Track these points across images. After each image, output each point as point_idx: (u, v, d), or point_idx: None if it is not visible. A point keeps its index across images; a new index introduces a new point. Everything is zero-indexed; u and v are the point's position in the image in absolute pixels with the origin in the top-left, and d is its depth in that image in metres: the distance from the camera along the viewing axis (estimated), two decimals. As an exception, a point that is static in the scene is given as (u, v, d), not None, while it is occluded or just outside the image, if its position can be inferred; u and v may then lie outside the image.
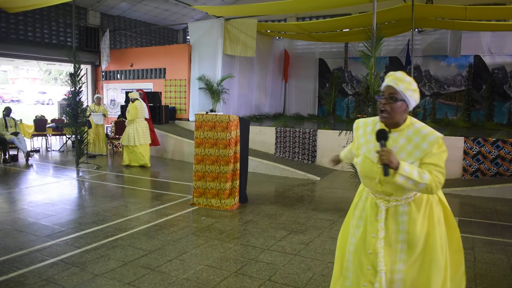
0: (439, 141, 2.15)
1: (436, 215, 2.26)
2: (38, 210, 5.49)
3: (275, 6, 9.87)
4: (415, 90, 2.20)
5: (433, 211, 2.26)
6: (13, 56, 12.56)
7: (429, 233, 2.21)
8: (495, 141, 7.53)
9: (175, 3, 13.94)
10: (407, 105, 2.19)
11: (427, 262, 2.18)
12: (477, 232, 4.84)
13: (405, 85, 2.16)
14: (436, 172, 2.12)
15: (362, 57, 5.84)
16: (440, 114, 12.84)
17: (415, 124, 2.22)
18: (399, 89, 2.15)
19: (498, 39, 11.92)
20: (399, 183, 2.06)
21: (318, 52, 14.80)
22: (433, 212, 2.26)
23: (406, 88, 2.16)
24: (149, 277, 3.47)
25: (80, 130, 8.76)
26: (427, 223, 2.22)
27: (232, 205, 5.70)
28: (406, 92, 2.16)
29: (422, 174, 2.07)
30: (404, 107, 2.18)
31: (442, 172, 2.14)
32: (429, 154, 2.14)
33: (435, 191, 2.11)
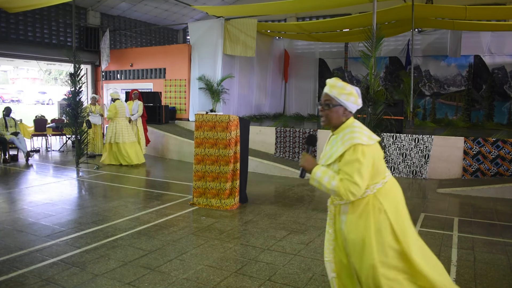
0: (355, 148, 2.17)
1: (375, 223, 2.22)
2: (38, 210, 5.49)
3: (275, 6, 9.88)
4: (350, 93, 2.29)
5: (370, 218, 2.23)
6: (13, 56, 12.56)
7: (365, 240, 2.21)
8: (495, 141, 7.53)
9: (175, 3, 13.94)
10: (345, 109, 2.30)
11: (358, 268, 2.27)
12: (477, 232, 4.84)
13: (337, 90, 2.28)
14: (346, 182, 2.15)
15: (362, 57, 5.85)
16: (440, 114, 12.84)
17: (353, 127, 2.28)
18: (333, 95, 2.29)
19: (498, 39, 11.92)
20: (313, 186, 2.24)
21: (318, 52, 14.80)
22: (370, 219, 2.23)
23: (339, 93, 2.28)
24: (149, 277, 3.47)
25: (80, 130, 8.77)
26: (363, 228, 2.23)
27: (232, 205, 5.70)
28: (340, 97, 2.28)
29: (331, 181, 2.18)
30: (342, 111, 2.30)
31: (353, 182, 2.14)
32: (344, 160, 2.19)
33: (346, 198, 2.17)
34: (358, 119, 2.50)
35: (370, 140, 2.22)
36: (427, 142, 7.97)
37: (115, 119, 9.12)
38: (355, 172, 2.14)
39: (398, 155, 8.19)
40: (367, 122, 5.68)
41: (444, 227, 5.02)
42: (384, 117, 5.77)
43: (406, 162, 8.14)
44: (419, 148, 8.02)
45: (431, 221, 5.26)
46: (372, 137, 2.26)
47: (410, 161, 8.10)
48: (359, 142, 2.17)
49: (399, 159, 8.18)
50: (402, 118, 8.63)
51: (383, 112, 5.75)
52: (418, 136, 8.07)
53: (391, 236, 2.21)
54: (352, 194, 2.15)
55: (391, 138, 8.21)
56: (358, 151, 2.16)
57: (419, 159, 8.03)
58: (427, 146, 7.96)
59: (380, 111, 5.71)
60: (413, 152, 8.07)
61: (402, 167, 8.18)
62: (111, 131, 9.12)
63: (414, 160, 8.07)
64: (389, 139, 8.20)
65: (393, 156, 8.22)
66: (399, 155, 8.19)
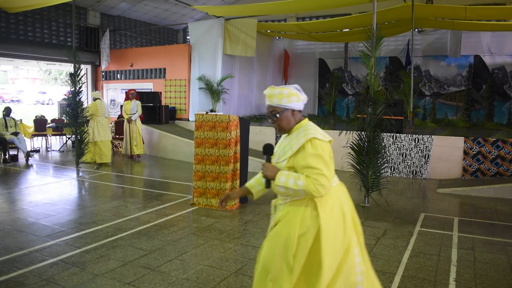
0: (312, 142, 2.14)
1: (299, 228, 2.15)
2: (38, 210, 5.49)
3: (275, 6, 9.88)
4: (289, 94, 2.27)
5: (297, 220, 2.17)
6: (13, 56, 12.56)
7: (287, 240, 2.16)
8: (495, 141, 7.53)
9: (175, 3, 13.94)
10: (292, 110, 2.29)
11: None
12: (477, 232, 4.84)
13: (277, 98, 2.26)
14: (315, 175, 2.09)
15: (362, 57, 5.84)
16: (440, 114, 12.84)
17: (307, 126, 2.27)
18: (275, 104, 2.26)
19: (498, 39, 11.92)
20: (280, 192, 2.19)
21: (318, 52, 14.80)
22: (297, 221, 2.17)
23: (280, 100, 2.26)
24: (149, 277, 3.47)
25: (80, 130, 8.77)
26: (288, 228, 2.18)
27: (232, 205, 5.70)
28: (281, 102, 2.26)
29: (297, 181, 2.11)
30: (290, 114, 2.29)
31: (322, 174, 2.08)
32: (303, 155, 2.15)
33: (317, 193, 2.08)
34: (358, 119, 2.50)
35: (325, 138, 2.20)
36: (427, 142, 7.97)
37: (95, 118, 9.37)
38: (321, 164, 2.10)
39: (398, 155, 8.19)
40: (367, 122, 5.68)
41: (444, 227, 5.02)
42: (384, 117, 5.76)
43: (406, 162, 8.14)
44: (419, 148, 8.02)
45: (431, 221, 5.26)
46: (326, 136, 2.23)
47: (410, 161, 8.10)
48: (315, 136, 2.16)
49: (399, 159, 8.18)
50: (402, 118, 8.63)
51: (383, 112, 5.75)
52: (418, 136, 8.07)
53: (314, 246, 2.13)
54: (322, 186, 2.08)
55: (391, 138, 8.21)
56: (317, 145, 2.14)
57: (419, 159, 8.03)
58: (427, 146, 7.96)
59: (380, 111, 5.71)
60: (413, 152, 8.07)
61: (402, 167, 8.18)
62: (92, 129, 9.33)
63: (414, 160, 8.07)
64: (389, 139, 8.20)
65: (393, 156, 8.22)
66: (399, 155, 8.19)
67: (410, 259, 3.93)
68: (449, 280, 3.47)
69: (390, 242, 4.42)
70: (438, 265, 3.79)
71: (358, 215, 2.42)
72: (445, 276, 3.56)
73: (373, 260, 3.90)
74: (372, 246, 4.27)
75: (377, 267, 3.73)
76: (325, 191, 2.10)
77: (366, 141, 5.77)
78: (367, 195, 5.97)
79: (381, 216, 5.42)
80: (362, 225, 4.99)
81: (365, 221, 5.19)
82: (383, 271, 3.65)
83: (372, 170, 5.82)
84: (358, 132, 5.84)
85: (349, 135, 6.12)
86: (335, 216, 2.19)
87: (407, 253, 4.08)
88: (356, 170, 5.93)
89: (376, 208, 5.83)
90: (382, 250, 4.16)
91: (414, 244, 4.37)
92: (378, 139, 5.78)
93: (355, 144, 5.86)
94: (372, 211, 5.69)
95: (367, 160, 5.79)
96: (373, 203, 5.99)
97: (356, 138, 5.85)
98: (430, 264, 3.82)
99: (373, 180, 5.86)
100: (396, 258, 3.96)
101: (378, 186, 5.84)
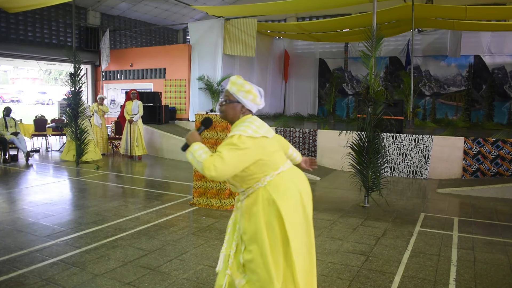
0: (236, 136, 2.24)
1: (264, 215, 2.26)
2: (38, 210, 5.49)
3: (275, 6, 9.88)
4: (248, 91, 2.37)
5: (260, 211, 2.27)
6: (13, 56, 12.56)
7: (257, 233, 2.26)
8: (495, 141, 7.53)
9: (175, 3, 13.94)
10: (243, 106, 2.38)
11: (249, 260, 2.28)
12: (477, 232, 4.84)
13: (237, 87, 2.37)
14: (216, 156, 2.20)
15: (362, 57, 5.84)
16: (440, 114, 12.84)
17: (244, 121, 2.36)
18: (232, 92, 2.37)
19: (498, 39, 11.92)
20: (189, 159, 2.28)
21: (318, 52, 14.80)
22: (260, 212, 2.27)
23: (238, 90, 2.36)
24: (149, 277, 3.47)
25: (80, 130, 8.77)
26: (254, 222, 2.28)
27: (232, 205, 5.70)
28: (238, 93, 2.36)
29: (203, 154, 2.22)
30: (239, 108, 2.38)
31: (221, 157, 2.17)
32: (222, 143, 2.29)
33: (208, 171, 2.16)
34: (358, 119, 2.51)
35: (256, 133, 2.27)
36: (427, 142, 7.97)
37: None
38: (225, 150, 2.19)
39: (398, 155, 8.19)
40: (367, 122, 5.68)
41: (444, 227, 5.02)
42: (384, 117, 5.76)
43: (406, 162, 8.14)
44: (419, 148, 8.02)
45: (431, 221, 5.26)
46: (259, 131, 2.29)
47: (410, 161, 8.10)
48: (240, 133, 2.24)
49: (399, 159, 8.18)
50: (402, 118, 8.63)
51: (383, 112, 5.75)
52: (418, 136, 8.07)
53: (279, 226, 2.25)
54: (215, 167, 2.15)
55: (391, 138, 8.21)
56: (236, 137, 2.23)
57: (419, 159, 8.03)
58: (427, 146, 7.96)
59: (380, 111, 5.71)
60: (413, 152, 8.07)
61: (402, 167, 8.18)
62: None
63: (414, 160, 8.07)
64: (389, 139, 8.20)
65: (393, 156, 8.22)
66: (399, 155, 8.19)
67: (410, 259, 3.93)
68: (449, 280, 3.47)
69: (390, 242, 4.42)
70: (438, 265, 3.79)
71: (358, 215, 2.42)
72: (445, 276, 3.56)
73: (373, 260, 3.90)
74: (372, 246, 4.27)
75: (377, 267, 3.73)
76: (215, 173, 2.16)
77: (366, 141, 5.77)
78: (367, 195, 5.98)
79: (381, 216, 5.42)
80: (362, 225, 5.01)
81: (365, 221, 5.20)
82: (383, 271, 3.65)
83: (372, 170, 5.82)
84: (358, 132, 5.84)
85: (349, 135, 6.12)
86: (290, 195, 2.30)
87: (407, 253, 4.08)
88: (356, 170, 5.93)
89: (376, 208, 5.84)
90: (382, 250, 4.16)
91: (414, 244, 4.37)
92: (378, 139, 5.78)
93: (355, 144, 5.86)
94: (372, 211, 5.69)
95: (367, 160, 5.79)
96: (373, 203, 6.00)
97: (356, 138, 5.85)
98: (430, 264, 3.82)
99: (373, 180, 5.86)
100: (396, 258, 3.96)
101: (378, 186, 5.84)
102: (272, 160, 2.34)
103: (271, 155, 2.34)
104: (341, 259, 3.90)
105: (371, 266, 3.75)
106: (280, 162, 2.39)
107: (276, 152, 2.39)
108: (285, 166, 2.40)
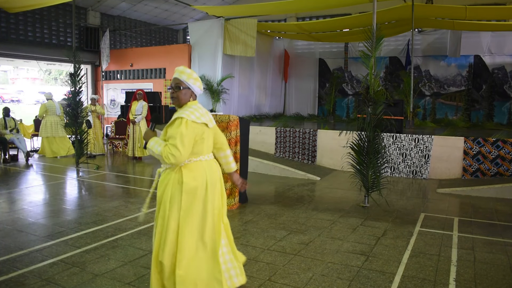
0: (180, 119, 2.57)
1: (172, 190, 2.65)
2: (38, 210, 5.49)
3: (275, 6, 9.88)
4: (196, 79, 2.73)
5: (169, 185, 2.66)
6: (13, 56, 12.56)
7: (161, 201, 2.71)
8: (495, 141, 7.53)
9: (175, 3, 13.94)
10: (192, 92, 2.73)
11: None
12: (477, 232, 4.84)
13: (186, 75, 2.69)
14: (170, 145, 2.54)
15: (362, 57, 5.83)
16: (440, 114, 12.84)
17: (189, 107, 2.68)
18: (183, 80, 2.68)
19: (498, 39, 11.92)
20: (152, 154, 2.66)
21: (318, 52, 14.80)
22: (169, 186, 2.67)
23: (188, 78, 2.69)
24: (149, 277, 3.46)
25: (80, 130, 8.76)
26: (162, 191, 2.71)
27: (232, 205, 5.70)
28: (188, 81, 2.69)
29: (158, 147, 2.59)
30: (189, 93, 2.72)
31: (174, 145, 2.52)
32: (171, 128, 2.60)
33: (167, 160, 2.53)
34: (358, 119, 2.54)
35: (198, 120, 2.60)
36: (427, 142, 7.97)
37: (46, 117, 10.38)
38: (177, 139, 2.51)
39: (398, 155, 8.19)
40: (367, 122, 5.68)
41: (444, 227, 5.02)
42: (384, 117, 5.76)
43: (406, 162, 8.14)
44: (419, 148, 8.02)
45: (431, 221, 5.26)
46: (201, 118, 2.63)
47: (410, 161, 8.10)
48: (184, 116, 2.56)
49: (399, 159, 8.18)
50: (402, 118, 8.63)
51: (383, 112, 5.74)
52: (418, 136, 8.07)
53: (177, 205, 2.63)
54: (172, 155, 2.50)
55: (391, 138, 8.21)
56: (182, 123, 2.54)
57: (419, 159, 8.03)
58: (427, 146, 7.96)
59: (380, 111, 5.70)
60: (413, 152, 8.07)
61: (402, 167, 8.18)
62: (42, 126, 10.36)
63: (414, 160, 8.07)
64: (389, 139, 8.20)
65: (393, 156, 8.22)
66: (399, 155, 8.19)
67: (410, 259, 3.93)
68: (449, 280, 3.47)
69: (390, 242, 4.42)
70: (438, 265, 3.79)
71: (358, 215, 2.43)
72: (445, 276, 3.56)
73: (373, 260, 3.90)
74: (372, 246, 4.27)
75: (377, 267, 3.73)
76: (174, 160, 2.52)
77: (366, 141, 5.77)
78: (367, 195, 5.98)
79: (381, 216, 5.42)
80: (362, 225, 5.01)
81: (365, 221, 5.20)
82: (383, 271, 3.65)
83: (372, 170, 5.82)
84: (358, 132, 5.84)
85: (349, 135, 6.12)
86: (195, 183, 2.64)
87: (407, 253, 4.08)
88: (356, 170, 5.93)
89: (376, 208, 5.83)
90: (382, 250, 4.16)
91: (414, 244, 4.37)
92: (378, 139, 5.78)
93: (355, 144, 5.86)
94: (372, 211, 5.69)
95: (367, 160, 5.79)
96: (373, 203, 5.99)
97: (356, 138, 5.85)
98: (430, 264, 3.82)
99: (373, 180, 5.86)
100: (396, 258, 3.96)
101: (378, 186, 5.84)
102: (199, 147, 2.66)
103: (201, 143, 2.66)
104: (341, 259, 3.90)
105: (371, 266, 3.75)
106: (204, 151, 2.72)
107: (206, 140, 2.71)
108: (205, 157, 2.74)
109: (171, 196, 2.64)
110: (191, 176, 2.63)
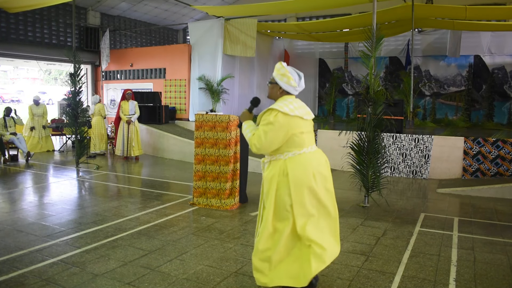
0: (270, 111, 2.76)
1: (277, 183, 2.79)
2: (38, 210, 5.49)
3: (275, 6, 9.88)
4: (283, 74, 2.87)
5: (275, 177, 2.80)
6: (13, 56, 12.56)
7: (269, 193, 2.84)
8: (495, 141, 7.53)
9: (175, 3, 13.94)
10: (280, 87, 2.88)
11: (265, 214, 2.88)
12: (477, 232, 4.84)
13: (276, 71, 2.90)
14: (258, 132, 2.77)
15: (362, 57, 5.83)
16: (440, 114, 12.84)
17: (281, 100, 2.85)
18: (273, 75, 2.91)
19: (498, 39, 11.91)
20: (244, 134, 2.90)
21: (318, 52, 14.79)
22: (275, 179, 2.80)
23: (276, 74, 2.89)
24: (149, 277, 3.47)
25: (80, 130, 8.76)
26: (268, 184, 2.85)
27: (232, 205, 5.70)
28: (276, 76, 2.89)
29: (249, 133, 2.85)
30: (277, 88, 2.91)
31: (259, 136, 2.74)
32: (262, 118, 2.81)
33: (254, 147, 2.77)
34: (358, 119, 2.58)
35: (291, 112, 2.74)
36: (427, 142, 7.97)
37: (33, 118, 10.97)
38: (262, 130, 2.74)
39: (398, 155, 8.19)
40: (367, 122, 5.68)
41: (444, 227, 5.02)
42: (384, 117, 5.76)
43: (406, 162, 8.14)
44: (419, 148, 8.02)
45: (431, 221, 5.26)
46: (295, 111, 2.77)
47: (410, 161, 8.10)
48: (276, 108, 2.74)
49: (399, 159, 8.18)
50: (402, 118, 8.63)
51: (383, 112, 5.74)
52: (418, 136, 8.07)
53: (287, 197, 2.75)
54: (255, 145, 2.76)
55: (391, 138, 8.21)
56: (272, 114, 2.74)
57: (419, 159, 8.03)
58: (427, 146, 7.96)
59: (380, 111, 5.70)
60: (413, 152, 8.07)
61: (402, 167, 8.18)
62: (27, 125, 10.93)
63: (414, 160, 8.07)
64: (389, 139, 8.20)
65: (393, 156, 8.22)
66: (399, 155, 8.19)
67: (410, 259, 3.93)
68: (449, 280, 3.47)
69: (390, 242, 4.42)
70: (438, 265, 3.79)
71: (358, 215, 2.46)
72: (445, 276, 3.56)
73: (373, 260, 3.90)
74: (372, 246, 4.27)
75: (377, 267, 3.73)
76: (256, 150, 2.78)
77: (366, 141, 5.77)
78: (367, 195, 5.98)
79: (381, 216, 5.42)
80: (362, 225, 5.01)
81: (365, 221, 5.19)
82: (383, 271, 3.65)
83: (372, 170, 5.82)
84: (358, 132, 5.84)
85: (349, 135, 6.12)
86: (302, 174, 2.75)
87: (407, 253, 4.08)
88: (356, 170, 5.93)
89: (376, 208, 5.83)
90: (382, 250, 4.16)
91: (414, 244, 4.37)
92: (378, 139, 5.78)
93: (355, 144, 5.86)
94: (372, 211, 5.69)
95: (367, 160, 5.79)
96: (373, 203, 5.99)
97: (356, 138, 5.85)
98: (430, 264, 3.82)
99: (373, 180, 5.86)
100: (396, 258, 3.96)
101: (378, 186, 5.84)
102: (299, 140, 2.79)
103: (300, 135, 2.79)
104: (341, 259, 3.90)
105: (371, 266, 3.75)
106: (307, 143, 2.84)
107: (306, 133, 2.85)
108: (309, 149, 2.85)
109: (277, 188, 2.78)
110: (297, 168, 2.76)
